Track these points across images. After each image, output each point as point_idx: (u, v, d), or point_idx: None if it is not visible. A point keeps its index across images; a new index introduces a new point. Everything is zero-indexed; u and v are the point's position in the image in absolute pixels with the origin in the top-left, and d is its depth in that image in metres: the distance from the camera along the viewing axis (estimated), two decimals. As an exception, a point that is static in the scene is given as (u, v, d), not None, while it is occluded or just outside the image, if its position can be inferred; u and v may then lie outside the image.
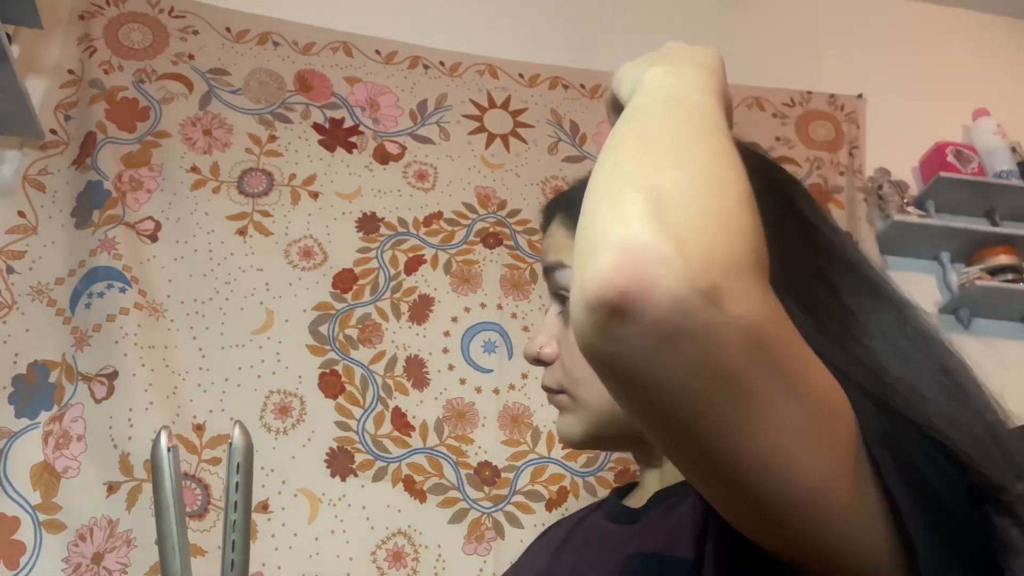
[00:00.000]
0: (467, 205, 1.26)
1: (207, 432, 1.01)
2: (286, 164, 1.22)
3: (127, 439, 0.95)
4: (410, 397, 1.09)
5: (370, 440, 1.05)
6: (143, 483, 0.93)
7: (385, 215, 1.22)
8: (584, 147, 1.36)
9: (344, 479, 1.02)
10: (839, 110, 1.51)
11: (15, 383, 1.00)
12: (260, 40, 1.32)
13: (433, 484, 1.04)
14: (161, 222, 1.13)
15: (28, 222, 1.10)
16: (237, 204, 1.17)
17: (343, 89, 1.31)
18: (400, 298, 1.16)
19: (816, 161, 1.43)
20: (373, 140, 1.28)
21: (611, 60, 1.67)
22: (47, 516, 0.92)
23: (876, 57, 1.67)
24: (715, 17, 1.63)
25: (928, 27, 1.77)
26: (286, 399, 1.05)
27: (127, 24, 1.27)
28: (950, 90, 1.66)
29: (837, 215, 1.38)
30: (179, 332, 1.06)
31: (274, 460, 1.01)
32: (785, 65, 1.58)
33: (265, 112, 1.26)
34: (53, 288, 1.06)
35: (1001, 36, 1.80)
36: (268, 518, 0.98)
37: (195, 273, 1.11)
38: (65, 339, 1.03)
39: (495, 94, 1.37)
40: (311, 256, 1.16)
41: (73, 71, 1.21)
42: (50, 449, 0.95)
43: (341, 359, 1.10)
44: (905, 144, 1.54)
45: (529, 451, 1.10)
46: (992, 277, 1.34)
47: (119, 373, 0.99)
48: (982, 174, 1.48)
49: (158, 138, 1.19)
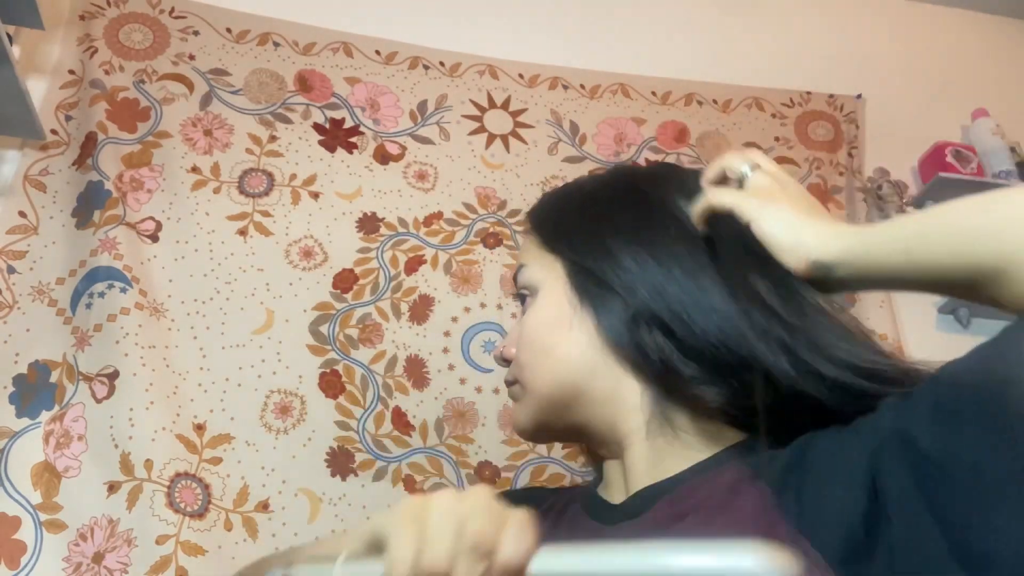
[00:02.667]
0: (467, 205, 1.26)
1: (207, 432, 1.01)
2: (286, 164, 1.22)
3: (128, 439, 0.95)
4: (410, 397, 1.09)
5: (370, 440, 1.05)
6: (143, 482, 0.94)
7: (385, 215, 1.22)
8: (584, 147, 1.37)
9: (344, 479, 1.02)
10: (838, 110, 1.52)
11: (16, 383, 1.00)
12: (260, 40, 1.32)
13: (433, 484, 1.04)
14: (162, 222, 1.13)
15: (29, 222, 1.10)
16: (237, 204, 1.18)
17: (343, 89, 1.31)
18: (400, 298, 1.16)
19: (815, 161, 1.44)
20: (373, 140, 1.28)
21: (611, 60, 1.67)
22: (48, 516, 0.92)
23: (876, 57, 1.67)
24: (715, 17, 1.63)
25: (928, 27, 1.77)
26: (286, 399, 1.06)
27: (128, 24, 1.27)
28: (949, 90, 1.66)
29: (837, 215, 1.38)
30: (180, 332, 1.06)
31: (274, 460, 1.01)
32: (785, 65, 1.58)
33: (265, 112, 1.26)
34: (54, 288, 1.06)
35: (1001, 36, 1.80)
36: (268, 518, 0.98)
37: (196, 273, 1.11)
38: (66, 339, 1.03)
39: (495, 94, 1.38)
40: (311, 256, 1.16)
41: (74, 71, 1.22)
42: (51, 449, 0.95)
43: (341, 359, 1.10)
44: (904, 144, 1.54)
45: (529, 451, 1.10)
46: (991, 277, 1.34)
47: (120, 373, 0.99)
48: (981, 174, 1.48)
49: (159, 138, 1.19)
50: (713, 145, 1.42)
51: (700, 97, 1.47)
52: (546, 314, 0.65)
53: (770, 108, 1.49)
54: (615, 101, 1.43)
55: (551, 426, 0.66)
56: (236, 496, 0.98)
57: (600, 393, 0.62)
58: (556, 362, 0.63)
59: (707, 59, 1.54)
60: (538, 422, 0.65)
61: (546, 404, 0.64)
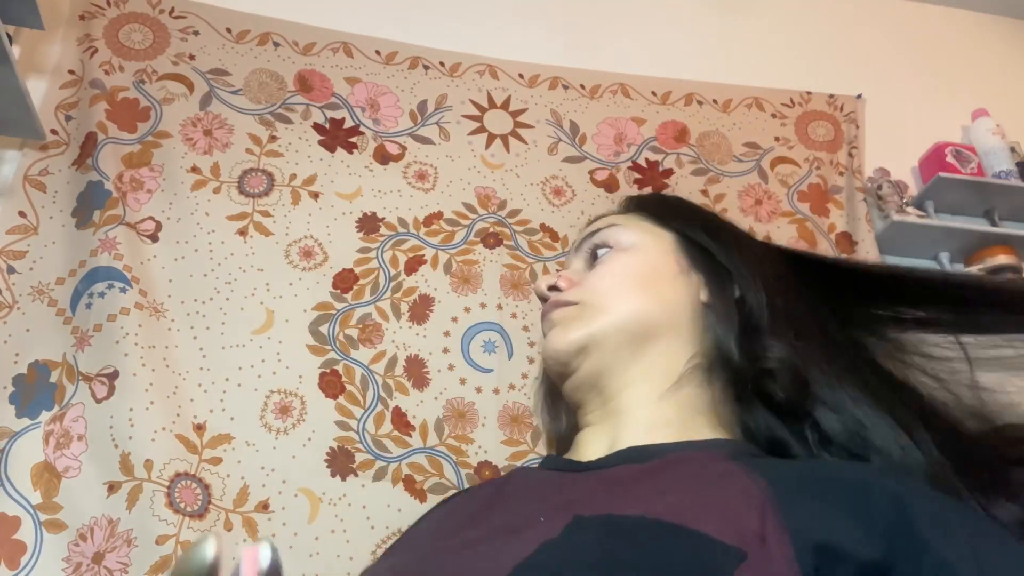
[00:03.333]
0: (467, 205, 1.26)
1: (207, 432, 1.01)
2: (286, 164, 1.22)
3: (128, 439, 0.95)
4: (410, 397, 1.09)
5: (370, 440, 1.05)
6: (143, 483, 0.93)
7: (385, 215, 1.22)
8: (584, 147, 1.37)
9: (344, 479, 1.02)
10: (838, 110, 1.52)
11: (16, 383, 1.00)
12: (260, 40, 1.32)
13: (433, 484, 1.04)
14: (162, 222, 1.13)
15: (29, 222, 1.10)
16: (237, 204, 1.18)
17: (343, 89, 1.32)
18: (400, 298, 1.16)
19: (815, 161, 1.44)
20: (373, 140, 1.28)
21: (611, 60, 1.67)
22: (48, 516, 0.92)
23: (876, 57, 1.67)
24: (715, 17, 1.64)
25: (928, 27, 1.77)
26: (286, 399, 1.06)
27: (128, 25, 1.27)
28: (949, 90, 1.66)
29: (837, 215, 1.38)
30: (179, 332, 1.06)
31: (274, 460, 1.01)
32: (785, 65, 1.58)
33: (265, 112, 1.26)
34: (54, 288, 1.06)
35: (1001, 36, 1.80)
36: (268, 518, 0.98)
37: (195, 273, 1.11)
38: (66, 339, 1.03)
39: (495, 94, 1.38)
40: (311, 256, 1.16)
41: (74, 71, 1.22)
42: (51, 449, 0.95)
43: (341, 359, 1.10)
44: (904, 144, 1.54)
45: (529, 451, 1.10)
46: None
47: (120, 373, 0.99)
48: (981, 174, 1.48)
49: (159, 138, 1.19)
50: (713, 145, 1.42)
51: (700, 97, 1.47)
52: (651, 258, 0.72)
53: (770, 108, 1.49)
54: (615, 101, 1.43)
55: (594, 351, 0.68)
56: (236, 496, 0.98)
57: (664, 343, 0.67)
58: (650, 296, 0.69)
59: (707, 59, 1.54)
60: (590, 340, 0.68)
61: (614, 327, 0.67)
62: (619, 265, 0.71)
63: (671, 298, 0.69)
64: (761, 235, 1.33)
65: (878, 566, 0.44)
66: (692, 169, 1.38)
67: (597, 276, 0.71)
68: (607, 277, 0.71)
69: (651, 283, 0.70)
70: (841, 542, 0.44)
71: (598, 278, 0.71)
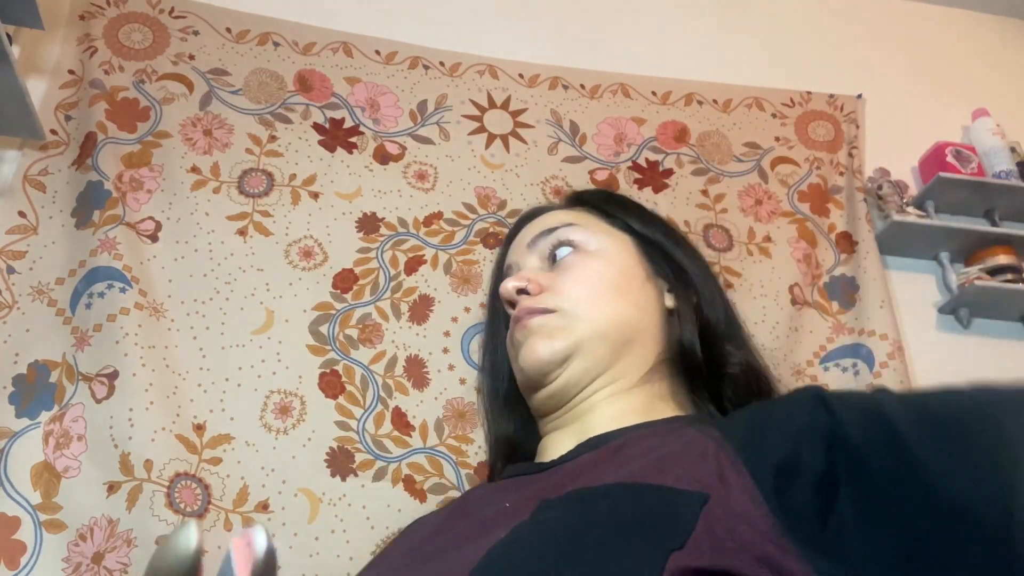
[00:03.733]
0: (467, 205, 1.26)
1: (207, 432, 1.01)
2: (286, 164, 1.22)
3: (127, 439, 0.95)
4: (410, 397, 1.09)
5: (370, 440, 1.05)
6: (143, 483, 0.93)
7: (385, 215, 1.22)
8: (584, 147, 1.36)
9: (344, 479, 1.02)
10: (838, 110, 1.52)
11: (15, 383, 1.00)
12: (260, 40, 1.32)
13: (433, 484, 1.04)
14: (161, 222, 1.13)
15: (28, 222, 1.10)
16: (237, 204, 1.17)
17: (343, 89, 1.31)
18: (400, 298, 1.16)
19: (816, 161, 1.44)
20: (373, 140, 1.28)
21: (611, 60, 1.68)
22: (47, 516, 0.92)
23: (876, 57, 1.67)
24: (715, 17, 1.63)
25: (928, 27, 1.77)
26: (286, 399, 1.05)
27: (127, 24, 1.27)
28: (949, 90, 1.66)
29: (837, 215, 1.38)
30: (179, 332, 1.06)
31: (274, 460, 1.01)
32: (785, 65, 1.58)
33: (265, 112, 1.26)
34: (53, 288, 1.06)
35: (1001, 36, 1.80)
36: (268, 518, 0.98)
37: (195, 273, 1.11)
38: (65, 339, 1.03)
39: (495, 94, 1.38)
40: (311, 256, 1.16)
41: (73, 71, 1.22)
42: (50, 449, 0.95)
43: (341, 359, 1.10)
44: (904, 144, 1.54)
45: (529, 451, 1.10)
46: (991, 277, 1.34)
47: (119, 373, 0.99)
48: (981, 174, 1.48)
49: (158, 138, 1.19)
50: (713, 145, 1.42)
51: (700, 97, 1.47)
52: (621, 264, 0.77)
53: (770, 108, 1.49)
54: (615, 101, 1.43)
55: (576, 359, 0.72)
56: (236, 496, 0.98)
57: (638, 346, 0.72)
58: (626, 303, 0.74)
59: (707, 59, 1.54)
60: (576, 349, 0.72)
61: (598, 335, 0.72)
62: (593, 272, 0.75)
63: (643, 304, 0.75)
64: (761, 235, 1.33)
65: (827, 476, 0.46)
66: (692, 169, 1.38)
67: (572, 282, 0.75)
68: (584, 283, 0.75)
69: (625, 290, 0.74)
70: (792, 456, 0.47)
71: (573, 284, 0.75)
